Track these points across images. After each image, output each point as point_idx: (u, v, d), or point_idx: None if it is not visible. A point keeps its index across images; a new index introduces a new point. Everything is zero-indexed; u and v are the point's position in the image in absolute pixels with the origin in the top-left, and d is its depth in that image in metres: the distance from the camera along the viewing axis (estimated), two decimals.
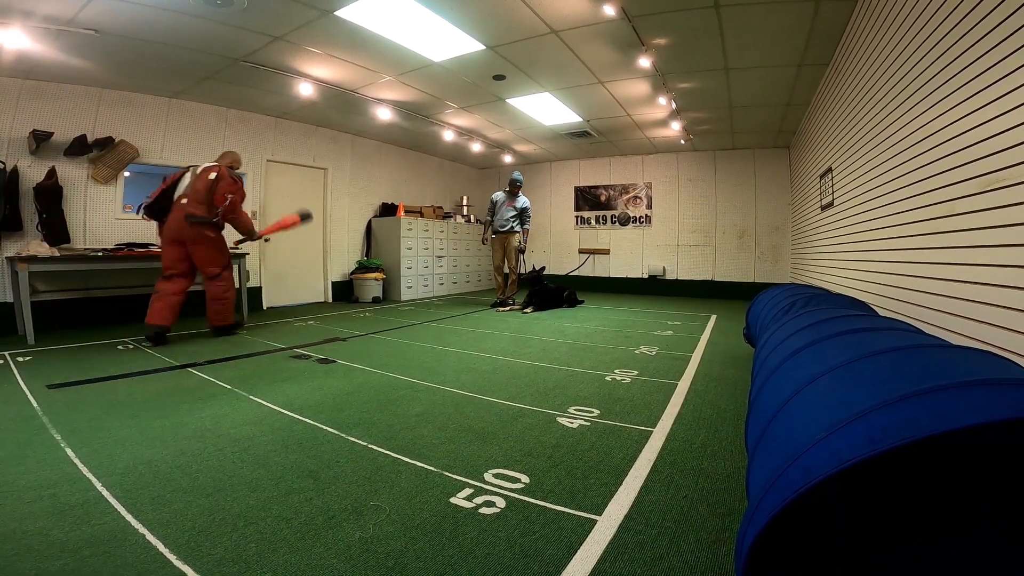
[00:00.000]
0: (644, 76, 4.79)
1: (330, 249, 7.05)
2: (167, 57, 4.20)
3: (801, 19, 3.52)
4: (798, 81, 4.74)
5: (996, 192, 1.70)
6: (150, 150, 5.14)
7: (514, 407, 2.31)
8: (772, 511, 0.70)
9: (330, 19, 3.66)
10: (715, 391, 2.60)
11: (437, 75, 4.86)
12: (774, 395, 1.15)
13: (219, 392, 2.53)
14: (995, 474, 0.66)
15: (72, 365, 3.11)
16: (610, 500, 1.44)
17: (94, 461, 1.67)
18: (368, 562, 1.13)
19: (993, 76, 1.70)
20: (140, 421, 2.08)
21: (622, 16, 3.56)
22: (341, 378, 2.83)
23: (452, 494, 1.47)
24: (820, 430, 0.77)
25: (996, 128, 1.69)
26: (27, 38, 3.56)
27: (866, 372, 0.93)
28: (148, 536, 1.23)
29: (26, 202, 4.33)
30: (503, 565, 1.13)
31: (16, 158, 4.29)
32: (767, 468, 0.85)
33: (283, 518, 1.32)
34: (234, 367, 3.10)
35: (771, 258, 7.61)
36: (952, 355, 0.94)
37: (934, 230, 2.20)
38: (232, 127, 5.83)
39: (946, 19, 2.04)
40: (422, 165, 8.72)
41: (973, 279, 1.86)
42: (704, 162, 8.04)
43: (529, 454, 1.77)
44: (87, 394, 2.48)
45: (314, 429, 2.01)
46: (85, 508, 1.36)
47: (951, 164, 2.03)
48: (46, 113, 4.46)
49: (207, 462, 1.68)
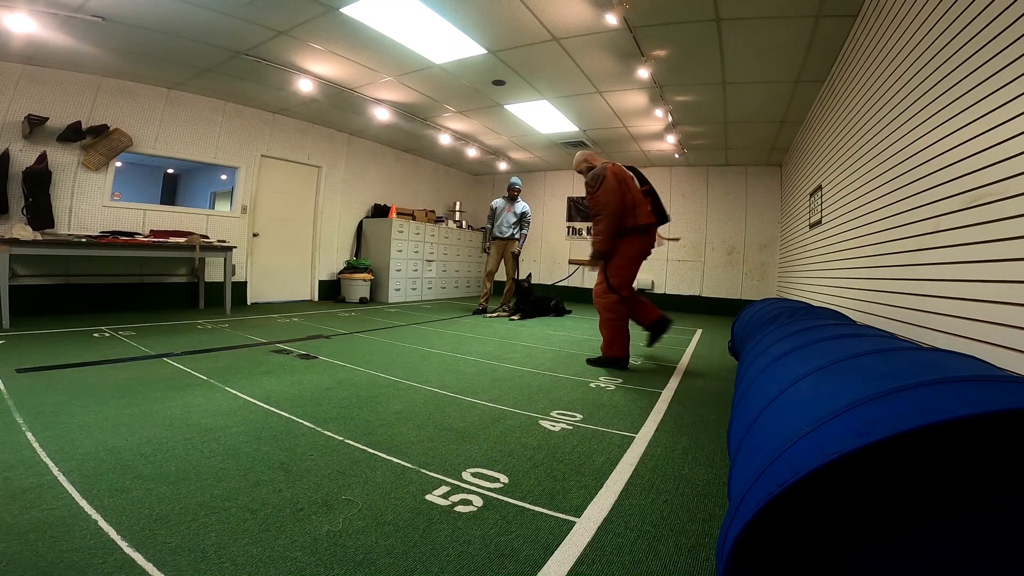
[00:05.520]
0: (642, 87, 4.83)
1: (319, 247, 6.99)
2: (171, 47, 4.16)
3: (801, 35, 3.57)
4: (794, 98, 4.80)
5: (980, 208, 1.72)
6: (144, 140, 5.07)
7: (496, 409, 2.27)
8: (757, 506, 0.67)
9: (335, 16, 3.65)
10: (698, 400, 2.58)
11: (437, 77, 4.86)
12: (758, 397, 1.13)
13: (194, 382, 2.46)
14: (980, 467, 0.64)
15: (45, 350, 3.02)
16: (590, 503, 1.40)
17: (54, 446, 1.60)
18: (335, 556, 1.09)
19: (978, 95, 1.73)
20: (108, 408, 2.01)
21: (624, 26, 3.59)
22: (322, 374, 2.77)
23: (428, 491, 1.42)
24: (805, 425, 0.75)
25: (980, 145, 1.72)
26: (34, 23, 3.53)
27: (850, 371, 0.91)
28: (100, 522, 1.17)
29: (13, 186, 4.24)
30: (477, 564, 1.09)
31: (8, 142, 4.22)
32: (751, 466, 0.82)
33: (248, 509, 1.27)
34: (211, 358, 3.02)
35: (758, 275, 7.66)
36: (934, 356, 0.93)
37: (920, 246, 2.21)
38: (228, 120, 5.78)
39: (935, 40, 2.07)
40: (417, 168, 8.70)
41: (957, 294, 1.87)
42: (697, 177, 8.10)
43: (509, 455, 1.73)
44: (57, 379, 2.40)
45: (289, 422, 1.96)
46: (38, 492, 1.29)
47: (937, 181, 2.06)
48: (43, 98, 4.41)
49: (173, 451, 1.62)
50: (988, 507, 0.65)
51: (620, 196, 3.23)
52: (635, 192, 3.35)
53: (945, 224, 1.98)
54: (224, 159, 5.80)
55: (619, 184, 3.26)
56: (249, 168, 6.06)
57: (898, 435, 0.59)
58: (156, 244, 4.57)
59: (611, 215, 3.21)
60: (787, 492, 0.66)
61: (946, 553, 0.65)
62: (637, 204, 3.31)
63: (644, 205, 3.34)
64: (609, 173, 3.28)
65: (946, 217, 1.97)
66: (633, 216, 3.28)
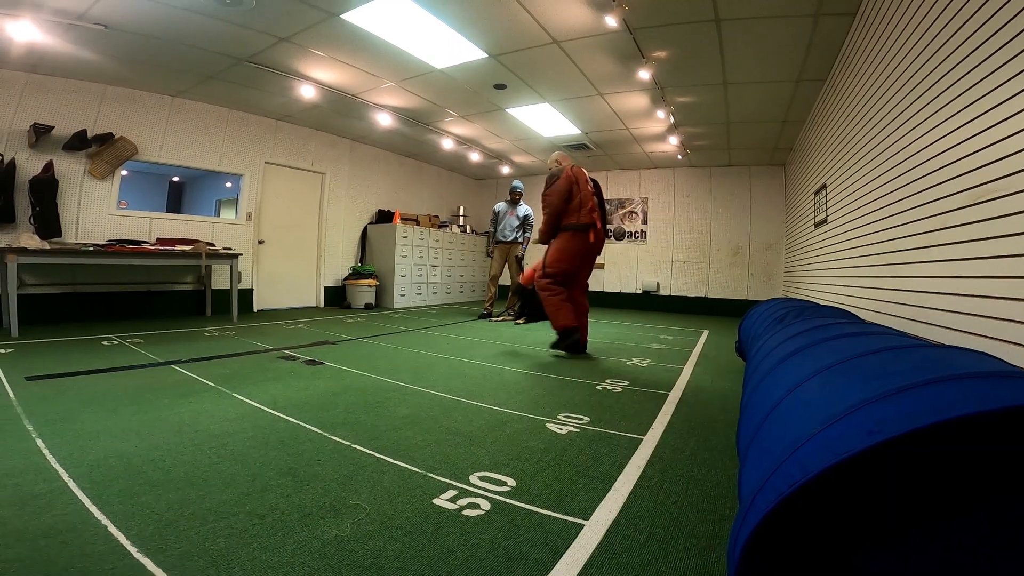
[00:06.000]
0: (643, 89, 4.83)
1: (324, 253, 7.01)
2: (174, 55, 4.20)
3: (801, 34, 3.56)
4: (795, 97, 4.79)
5: (986, 204, 1.70)
6: (149, 148, 5.11)
7: (503, 412, 2.27)
8: (767, 506, 0.66)
9: (336, 22, 3.67)
10: (706, 402, 2.57)
11: (438, 82, 4.88)
12: (766, 397, 1.12)
13: (201, 389, 2.47)
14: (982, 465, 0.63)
15: (54, 358, 3.04)
16: (598, 505, 1.39)
17: (64, 452, 1.61)
18: (343, 561, 1.08)
19: (981, 90, 1.73)
20: (117, 415, 2.02)
21: (624, 28, 3.59)
22: (328, 379, 2.77)
23: (435, 495, 1.42)
24: (815, 425, 0.74)
25: (985, 141, 1.71)
26: (37, 31, 3.56)
27: (859, 370, 0.91)
28: (110, 527, 1.17)
29: (20, 195, 4.28)
30: (485, 568, 1.08)
31: (15, 151, 4.26)
32: (760, 467, 0.82)
33: (256, 514, 1.27)
34: (219, 365, 3.04)
35: (764, 276, 7.63)
36: (944, 353, 0.92)
37: (928, 243, 2.20)
38: (232, 128, 5.82)
39: (936, 36, 2.06)
40: (420, 173, 8.73)
41: (966, 291, 1.85)
42: (700, 178, 8.09)
43: (516, 458, 1.73)
44: (66, 387, 2.41)
45: (296, 428, 1.96)
46: (48, 498, 1.30)
47: (942, 177, 2.04)
48: (48, 107, 4.44)
49: (182, 456, 1.62)
50: (991, 505, 0.64)
51: (563, 198, 3.70)
52: (584, 194, 3.72)
53: (952, 220, 1.96)
54: (228, 166, 5.84)
55: (569, 186, 3.71)
56: (253, 175, 6.09)
57: (909, 433, 0.59)
58: (163, 252, 4.60)
59: (550, 213, 3.77)
60: (797, 492, 0.66)
61: (950, 552, 0.64)
62: (583, 205, 3.69)
63: (591, 208, 3.71)
64: (563, 176, 3.73)
65: (952, 214, 1.96)
66: (577, 215, 3.69)
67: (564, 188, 3.68)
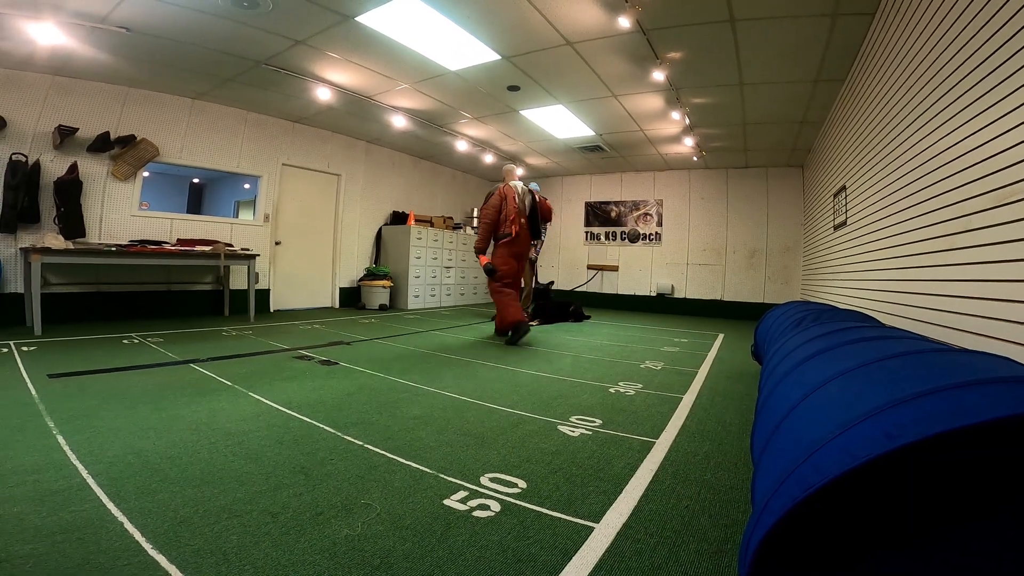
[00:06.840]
0: (658, 90, 4.80)
1: (339, 255, 7.09)
2: (193, 57, 4.28)
3: (818, 34, 3.51)
4: (813, 98, 4.72)
5: (1009, 207, 1.66)
6: (170, 150, 5.22)
7: (515, 414, 2.26)
8: (782, 510, 0.65)
9: (351, 24, 3.72)
10: (720, 405, 2.53)
11: (452, 84, 4.91)
12: (782, 401, 1.10)
13: (219, 388, 2.51)
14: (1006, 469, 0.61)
15: (75, 356, 3.11)
16: (609, 508, 1.38)
17: (84, 449, 1.64)
18: (354, 560, 1.09)
19: (1005, 90, 1.68)
20: (136, 412, 2.06)
21: (637, 29, 3.57)
22: (342, 379, 2.80)
23: (446, 496, 1.42)
24: (832, 428, 0.72)
25: (1008, 142, 1.66)
26: (61, 33, 3.65)
27: (879, 374, 0.88)
28: (126, 524, 1.19)
29: (45, 195, 4.40)
30: (494, 569, 1.08)
31: (40, 152, 4.38)
32: (775, 470, 0.80)
33: (270, 512, 1.28)
34: (236, 364, 3.08)
35: (782, 279, 7.51)
36: (966, 357, 0.89)
37: (950, 246, 2.14)
38: (250, 130, 5.92)
39: (960, 35, 2.01)
40: (434, 175, 8.78)
41: (988, 295, 1.80)
42: (716, 180, 8.01)
43: (528, 460, 1.72)
44: (87, 384, 2.47)
45: (310, 427, 1.98)
46: (66, 494, 1.32)
47: (966, 179, 1.99)
48: (72, 109, 4.56)
49: (198, 454, 1.65)
50: (1016, 510, 0.62)
51: (495, 212, 4.50)
52: (510, 210, 4.50)
53: (976, 223, 1.91)
54: (247, 168, 5.94)
55: (500, 202, 4.53)
56: (271, 177, 6.18)
57: (929, 438, 0.57)
58: (183, 252, 4.68)
59: (483, 225, 4.54)
60: (812, 496, 0.64)
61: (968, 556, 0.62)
62: (507, 218, 4.48)
63: (512, 220, 4.48)
64: (496, 193, 4.56)
65: (975, 216, 1.91)
66: (504, 226, 4.49)
67: (496, 203, 4.51)
